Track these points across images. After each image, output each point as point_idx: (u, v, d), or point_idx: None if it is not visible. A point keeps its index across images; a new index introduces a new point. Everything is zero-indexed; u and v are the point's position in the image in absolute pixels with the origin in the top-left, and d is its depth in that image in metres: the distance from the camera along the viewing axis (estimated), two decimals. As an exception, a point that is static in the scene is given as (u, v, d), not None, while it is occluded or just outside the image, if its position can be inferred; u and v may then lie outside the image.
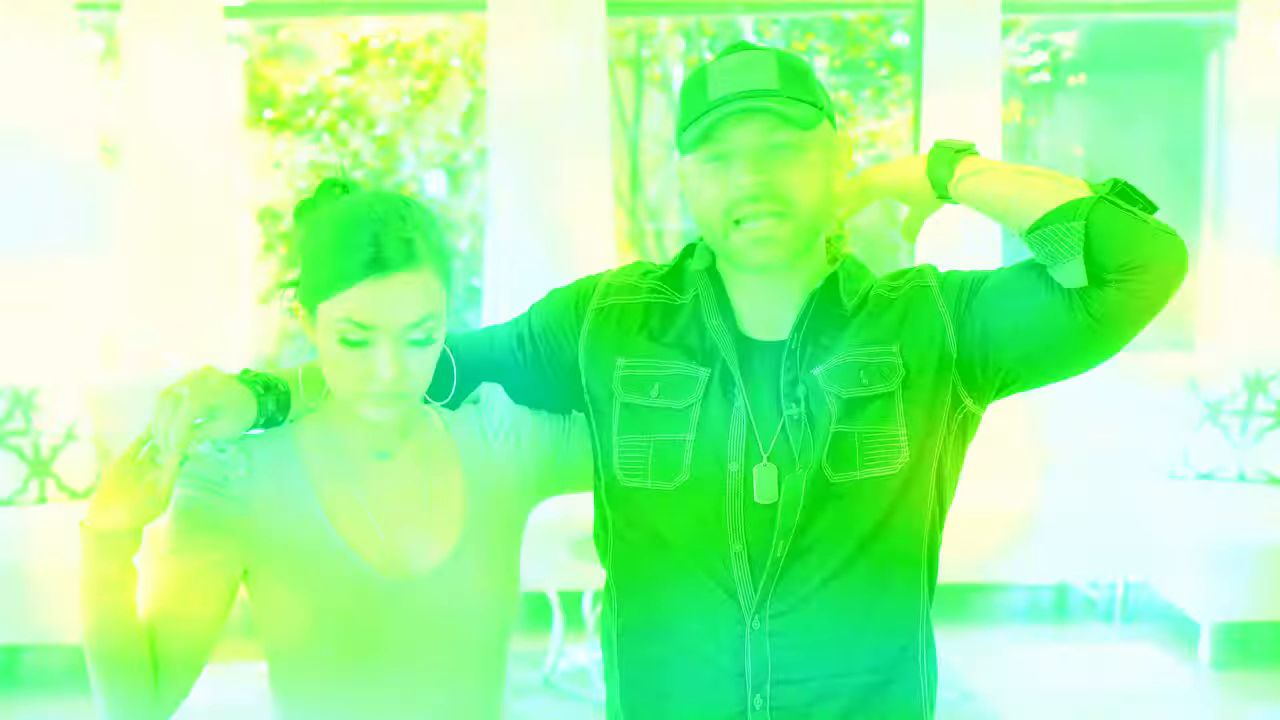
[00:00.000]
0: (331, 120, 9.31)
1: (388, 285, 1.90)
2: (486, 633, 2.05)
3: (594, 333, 2.21)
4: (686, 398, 2.11)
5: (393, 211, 1.94)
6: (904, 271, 2.18)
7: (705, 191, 2.06)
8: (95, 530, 1.85)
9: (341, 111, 9.29)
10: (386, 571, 1.99)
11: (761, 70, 2.04)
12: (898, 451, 2.06)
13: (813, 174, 2.05)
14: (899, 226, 2.20)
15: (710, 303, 2.14)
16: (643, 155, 10.20)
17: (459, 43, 9.26)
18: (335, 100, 9.26)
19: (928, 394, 2.08)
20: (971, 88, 6.72)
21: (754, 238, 2.04)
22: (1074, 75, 9.87)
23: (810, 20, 9.49)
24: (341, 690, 1.98)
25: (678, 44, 9.81)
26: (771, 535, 2.04)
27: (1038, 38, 9.30)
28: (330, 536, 1.98)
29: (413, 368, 1.93)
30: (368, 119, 9.28)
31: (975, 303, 2.08)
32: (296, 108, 9.29)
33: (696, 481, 2.08)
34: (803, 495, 2.03)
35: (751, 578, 2.05)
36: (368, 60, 9.24)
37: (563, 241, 6.74)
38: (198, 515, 1.97)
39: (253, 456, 2.00)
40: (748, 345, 2.12)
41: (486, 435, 2.14)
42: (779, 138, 2.02)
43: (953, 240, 6.79)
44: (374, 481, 2.04)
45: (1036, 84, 9.45)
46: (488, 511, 2.09)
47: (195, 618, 1.96)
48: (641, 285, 2.23)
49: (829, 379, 2.07)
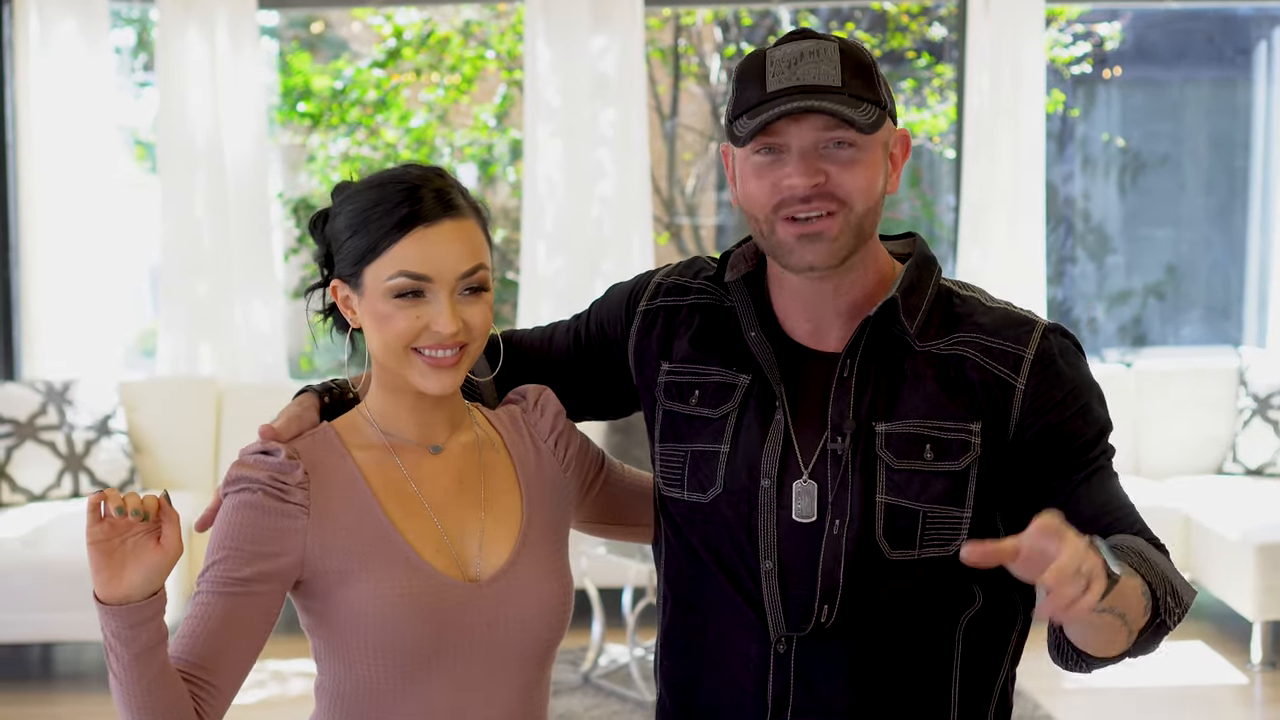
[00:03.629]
0: (365, 113, 9.28)
1: (438, 233, 1.88)
2: (542, 637, 1.98)
3: (641, 335, 2.13)
4: (724, 406, 2.02)
5: (428, 170, 1.95)
6: (1017, 328, 1.98)
7: (753, 185, 1.94)
8: (117, 601, 1.74)
9: (375, 105, 9.26)
10: (450, 573, 1.92)
11: (824, 63, 1.90)
12: (958, 534, 1.94)
13: (870, 176, 1.92)
14: (936, 222, 2.07)
15: (748, 314, 2.03)
16: (680, 147, 10.14)
17: (495, 34, 9.22)
18: (369, 93, 9.23)
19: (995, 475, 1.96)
20: (1013, 79, 6.64)
21: (801, 234, 1.91)
22: (1117, 66, 9.77)
23: (850, 10, 9.42)
24: (399, 697, 1.91)
25: (715, 35, 9.76)
26: (809, 556, 1.95)
27: (1080, 28, 9.21)
28: (393, 538, 1.91)
29: (471, 319, 1.90)
30: (402, 112, 9.25)
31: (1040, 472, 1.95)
32: (330, 101, 9.26)
33: (729, 495, 1.99)
34: (849, 563, 1.93)
35: (782, 599, 1.96)
36: (402, 53, 9.21)
37: (599, 235, 6.69)
38: (253, 523, 1.88)
39: (303, 456, 1.93)
40: (794, 352, 2.01)
41: (535, 437, 2.08)
42: (838, 139, 1.90)
43: (1002, 240, 6.72)
44: (429, 479, 1.98)
45: (1079, 75, 9.36)
46: (542, 512, 2.03)
47: (242, 645, 1.87)
48: (692, 286, 2.13)
49: (888, 444, 1.94)
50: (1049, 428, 1.94)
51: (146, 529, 1.74)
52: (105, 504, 1.71)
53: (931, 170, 9.98)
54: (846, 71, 1.90)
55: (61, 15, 6.50)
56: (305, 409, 1.99)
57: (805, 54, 1.91)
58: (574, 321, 2.23)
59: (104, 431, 6.11)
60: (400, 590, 1.88)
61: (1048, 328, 1.99)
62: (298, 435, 1.95)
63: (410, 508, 1.94)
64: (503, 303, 9.57)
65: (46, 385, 6.11)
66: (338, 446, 1.95)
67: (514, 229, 9.36)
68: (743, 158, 1.95)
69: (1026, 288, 6.66)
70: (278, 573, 1.88)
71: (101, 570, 1.73)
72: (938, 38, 9.35)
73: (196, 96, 6.56)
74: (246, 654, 1.88)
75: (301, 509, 1.89)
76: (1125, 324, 9.90)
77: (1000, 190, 6.66)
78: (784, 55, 1.91)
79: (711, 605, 2.01)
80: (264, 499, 1.88)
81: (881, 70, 1.97)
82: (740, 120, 1.91)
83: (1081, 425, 1.95)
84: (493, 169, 9.44)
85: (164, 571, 1.75)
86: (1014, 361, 1.95)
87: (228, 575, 1.86)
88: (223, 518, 1.89)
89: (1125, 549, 1.86)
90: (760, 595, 1.96)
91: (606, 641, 5.50)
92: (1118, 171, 9.94)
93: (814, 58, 1.91)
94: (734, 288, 2.04)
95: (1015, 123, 6.65)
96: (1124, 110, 10.15)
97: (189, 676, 1.82)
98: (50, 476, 5.98)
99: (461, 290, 1.90)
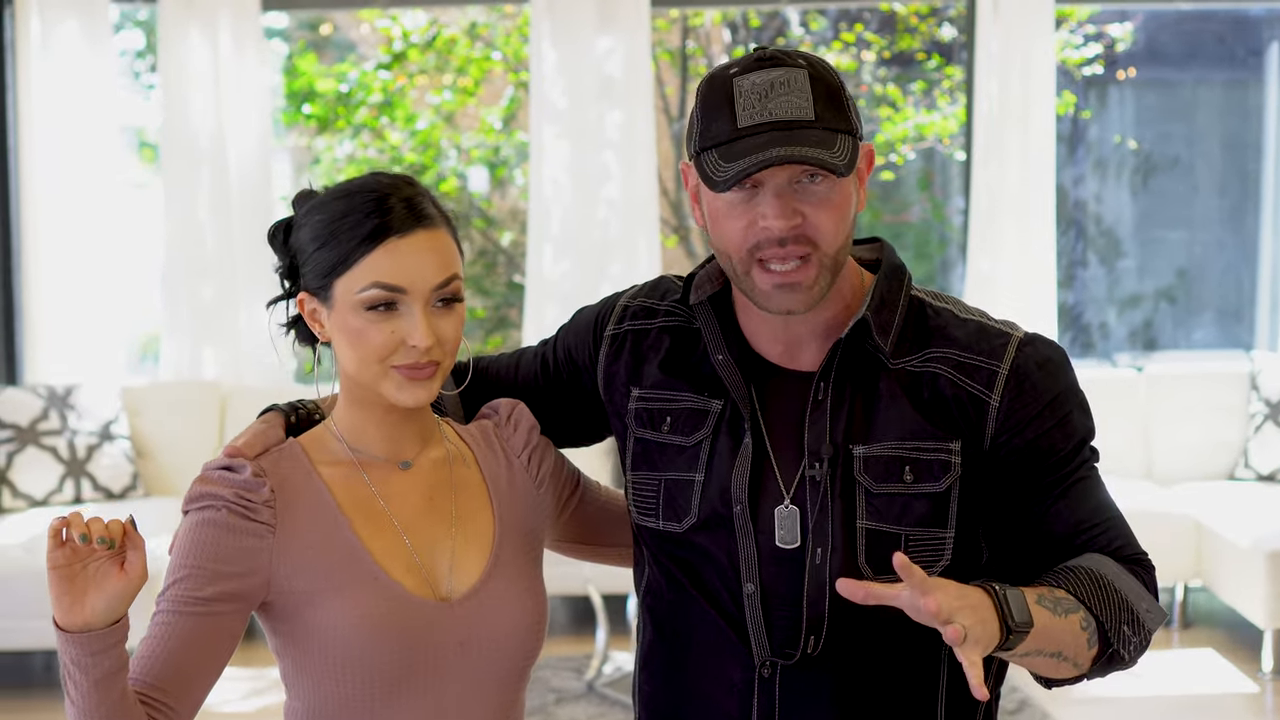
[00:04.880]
0: (371, 116, 9.25)
1: (411, 243, 1.84)
2: (517, 656, 1.93)
3: (610, 360, 2.07)
4: (697, 434, 1.97)
5: (397, 178, 1.91)
6: (991, 341, 1.93)
7: (726, 224, 1.87)
8: (77, 629, 1.69)
9: (381, 107, 9.22)
10: (421, 593, 1.87)
11: (794, 94, 1.82)
12: (941, 554, 1.90)
13: (844, 211, 1.86)
14: (946, 225, 2.00)
15: (715, 337, 1.97)
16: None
17: (501, 36, 9.18)
18: (374, 95, 9.19)
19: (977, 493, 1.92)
20: (1023, 80, 6.60)
21: (778, 284, 1.85)
22: (1128, 67, 9.71)
23: (858, 11, 9.37)
24: (371, 716, 1.86)
25: (724, 36, 9.71)
26: (792, 582, 1.90)
27: (1091, 29, 9.15)
28: (362, 557, 1.86)
29: (444, 332, 1.86)
30: (407, 114, 9.21)
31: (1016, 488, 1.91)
32: (336, 103, 9.23)
33: (704, 523, 1.94)
34: (833, 592, 1.88)
35: (765, 623, 1.92)
36: (408, 54, 9.18)
37: (605, 238, 6.65)
38: (217, 542, 1.83)
39: (269, 473, 1.88)
40: (766, 372, 1.96)
41: (508, 453, 2.03)
42: (813, 173, 1.83)
43: (1012, 244, 6.68)
44: (398, 495, 1.93)
45: (1090, 76, 9.30)
46: (515, 529, 1.99)
47: (204, 667, 1.82)
48: (659, 308, 2.07)
49: (866, 469, 1.89)
50: (1025, 444, 1.90)
51: (110, 555, 1.69)
52: (68, 529, 1.66)
53: (942, 172, 9.92)
54: (819, 102, 1.83)
55: (63, 17, 6.47)
56: (270, 426, 1.95)
57: (775, 84, 1.83)
58: (541, 347, 2.19)
59: (106, 437, 6.08)
60: (369, 611, 1.84)
61: (1023, 340, 1.93)
62: (263, 453, 1.90)
63: (379, 525, 1.90)
64: (510, 306, 9.54)
65: (48, 390, 6.07)
66: (304, 463, 1.91)
67: (522, 232, 9.31)
68: (713, 195, 1.88)
69: (1037, 291, 6.62)
70: (242, 593, 1.83)
71: (62, 596, 1.68)
72: (947, 39, 9.29)
73: (199, 99, 6.53)
74: (207, 676, 1.83)
75: (268, 528, 1.85)
76: (1136, 328, 9.84)
77: (1010, 193, 6.61)
78: (752, 86, 1.84)
79: (694, 629, 1.97)
80: (228, 517, 1.83)
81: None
82: (709, 154, 1.84)
83: (1059, 439, 1.91)
84: (500, 171, 9.40)
85: (127, 599, 1.70)
86: (988, 377, 1.91)
87: (189, 595, 1.81)
88: (185, 535, 1.84)
89: (1081, 575, 1.84)
90: (743, 619, 1.92)
91: (610, 649, 5.46)
92: (1129, 174, 9.88)
93: (784, 89, 1.83)
94: (699, 310, 1.99)
95: (1025, 125, 6.60)
96: (1136, 112, 10.09)
97: (147, 699, 1.77)
98: (52, 482, 5.95)
99: (435, 302, 1.86)
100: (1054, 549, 1.90)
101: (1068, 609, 1.80)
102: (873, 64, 9.49)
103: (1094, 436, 1.95)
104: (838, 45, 9.25)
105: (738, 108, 1.83)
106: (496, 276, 9.69)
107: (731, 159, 1.81)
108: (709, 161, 1.84)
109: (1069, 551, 1.90)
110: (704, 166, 1.85)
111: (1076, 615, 1.80)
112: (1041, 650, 1.77)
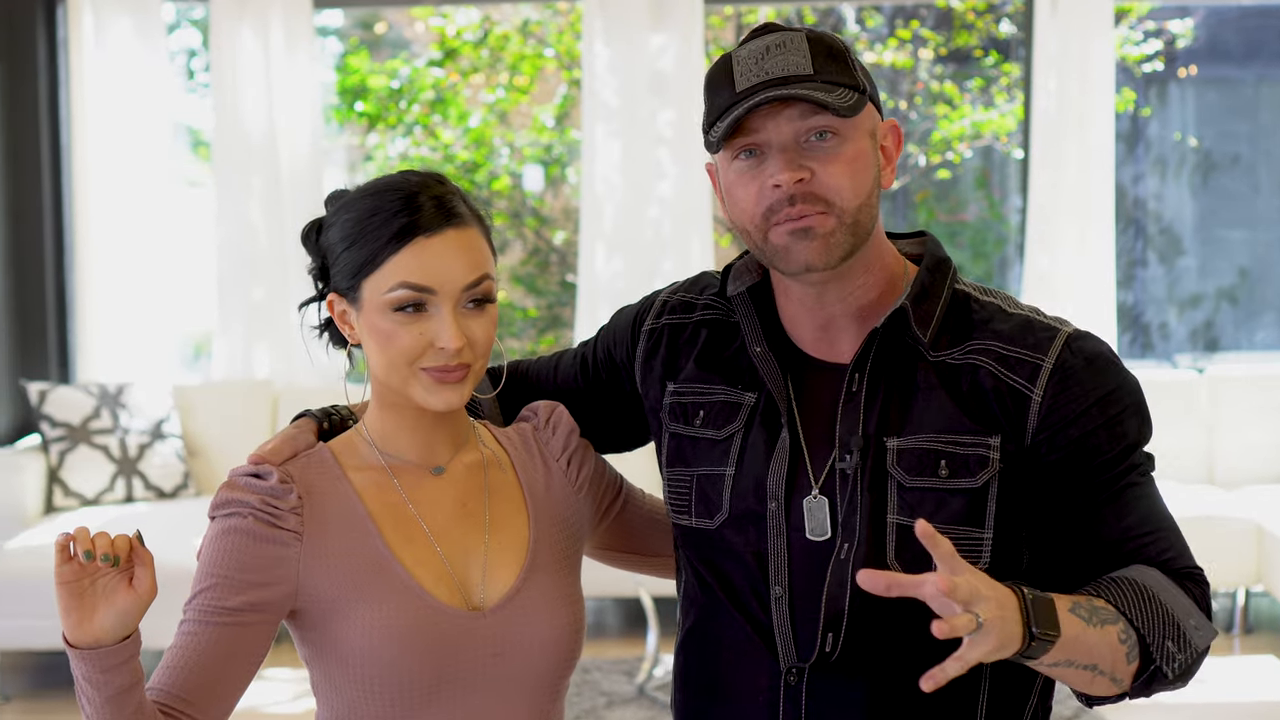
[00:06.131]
0: (423, 113, 9.23)
1: (440, 242, 1.80)
2: (552, 668, 1.88)
3: (647, 356, 2.04)
4: (729, 426, 1.93)
5: (428, 176, 1.86)
6: (1037, 335, 1.86)
7: (738, 193, 1.84)
8: (87, 645, 1.66)
9: (433, 104, 9.21)
10: (452, 602, 1.83)
11: (791, 54, 1.81)
12: (977, 556, 1.82)
13: (858, 168, 1.82)
14: (1004, 223, 1.93)
15: (753, 328, 1.93)
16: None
17: (553, 33, 9.15)
18: (427, 93, 9.18)
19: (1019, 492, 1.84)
20: (1082, 77, 6.51)
21: (792, 230, 1.80)
22: (1189, 64, 9.60)
23: (915, 7, 9.29)
24: None
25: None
26: (820, 580, 1.84)
27: (1151, 25, 9.05)
28: (392, 565, 1.82)
29: (475, 334, 1.81)
30: (460, 112, 9.19)
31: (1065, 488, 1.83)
32: (388, 101, 9.22)
33: (735, 520, 1.90)
34: (855, 588, 1.81)
35: (792, 627, 1.86)
36: (460, 52, 9.16)
37: (658, 236, 6.60)
38: (243, 550, 1.79)
39: (296, 479, 1.84)
40: (803, 364, 1.91)
41: (546, 456, 1.98)
42: (818, 128, 1.79)
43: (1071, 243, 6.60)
44: (430, 501, 1.88)
45: (1150, 73, 9.19)
46: (551, 535, 1.94)
47: (230, 678, 1.78)
48: (697, 302, 2.03)
49: (899, 461, 1.83)
50: (1069, 443, 1.81)
51: (119, 571, 1.66)
52: (74, 544, 1.63)
53: (1000, 171, 9.83)
54: (818, 59, 1.81)
55: (116, 14, 6.48)
56: (301, 432, 1.91)
57: (771, 47, 1.82)
58: (581, 349, 2.15)
59: (158, 435, 6.08)
60: (399, 621, 1.79)
61: (1072, 335, 1.86)
62: (291, 458, 1.86)
63: (409, 533, 1.85)
64: (562, 305, 9.50)
65: (100, 388, 6.08)
66: (333, 468, 1.86)
67: (574, 230, 9.29)
68: (725, 167, 1.87)
69: (1095, 291, 6.54)
70: (269, 603, 1.79)
71: (71, 612, 1.65)
72: (1005, 35, 9.20)
73: (251, 97, 6.53)
74: (235, 687, 1.79)
75: (295, 535, 1.81)
76: (1197, 328, 9.73)
77: (1069, 191, 6.53)
78: (749, 52, 1.83)
79: (723, 635, 1.92)
80: (254, 524, 1.80)
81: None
82: (715, 127, 1.83)
83: (1106, 440, 1.82)
84: (553, 169, 9.37)
85: (136, 615, 1.67)
86: (1031, 371, 1.83)
87: (215, 604, 1.77)
88: (210, 543, 1.81)
89: (1124, 586, 1.76)
90: (770, 624, 1.87)
91: (661, 652, 5.41)
92: (1189, 172, 9.77)
93: (780, 50, 1.82)
94: (738, 301, 1.96)
95: (1084, 122, 6.52)
96: (1196, 109, 9.97)
97: (171, 711, 1.73)
98: (103, 481, 5.95)
99: (465, 303, 1.81)
100: (1100, 557, 1.82)
101: (1105, 619, 1.72)
102: (929, 61, 9.41)
103: (1148, 442, 1.87)
104: (894, 42, 9.18)
105: (735, 74, 1.82)
106: (549, 276, 9.66)
107: (728, 119, 1.80)
108: (714, 133, 1.83)
109: (1116, 560, 1.82)
110: (709, 140, 1.85)
111: (1115, 627, 1.72)
112: (1073, 661, 1.69)
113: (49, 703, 5.44)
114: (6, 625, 5.30)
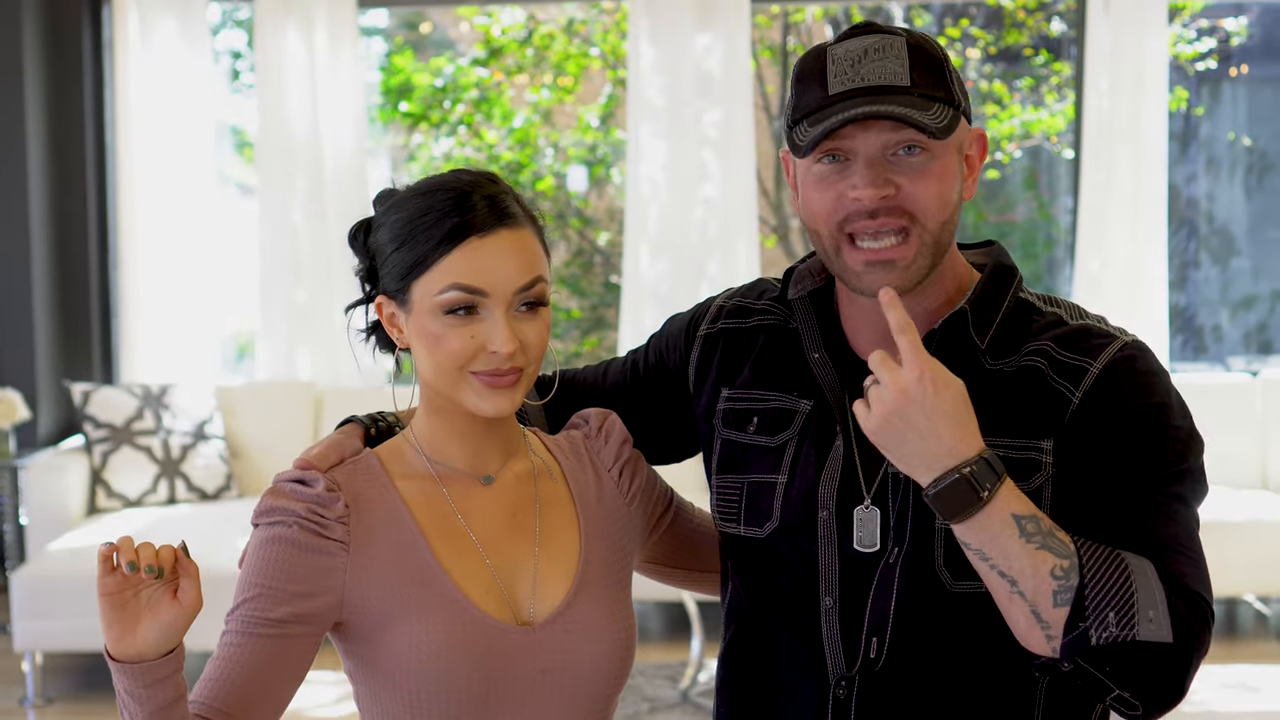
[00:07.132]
0: (467, 113, 9.21)
1: (493, 243, 1.74)
2: (601, 684, 1.83)
3: (702, 361, 1.99)
4: (783, 434, 1.87)
5: (480, 175, 1.80)
6: (1091, 340, 1.79)
7: (814, 195, 1.78)
8: (129, 658, 1.62)
9: (477, 103, 9.18)
10: (501, 617, 1.77)
11: (889, 60, 1.73)
12: None
13: (945, 186, 1.75)
14: (1053, 224, 1.85)
15: (812, 334, 1.88)
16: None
17: (598, 32, 9.11)
18: (471, 92, 9.15)
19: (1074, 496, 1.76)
20: (1135, 76, 6.42)
21: (869, 260, 1.74)
22: (1241, 63, 9.48)
23: (964, 5, 9.21)
24: None
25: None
26: (867, 589, 1.79)
27: (1204, 23, 8.94)
28: (440, 578, 1.77)
29: (527, 337, 1.76)
30: (504, 111, 9.16)
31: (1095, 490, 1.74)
32: (432, 100, 9.20)
33: (786, 529, 1.84)
34: (902, 593, 1.76)
35: (841, 639, 1.81)
36: (505, 51, 9.13)
37: (703, 237, 6.55)
38: (288, 560, 1.74)
39: (343, 487, 1.78)
40: (861, 372, 1.84)
41: (597, 466, 1.93)
42: (908, 142, 1.73)
43: (1122, 244, 6.51)
44: (479, 512, 1.83)
45: (1203, 71, 9.08)
46: (602, 548, 1.89)
47: (274, 691, 1.74)
48: (755, 307, 1.98)
49: None
50: (1100, 453, 1.73)
51: (163, 583, 1.62)
52: (117, 555, 1.58)
53: (1049, 171, 9.74)
54: (915, 69, 1.74)
55: (161, 15, 6.48)
56: (348, 437, 1.86)
57: (869, 50, 1.74)
58: (631, 354, 2.09)
59: (201, 437, 6.07)
60: (446, 635, 1.74)
61: (1128, 343, 1.78)
62: (337, 464, 1.81)
63: (458, 544, 1.80)
64: (606, 307, 9.46)
65: (144, 389, 6.07)
66: (380, 476, 1.81)
67: (619, 231, 9.24)
68: (804, 166, 1.80)
69: (1147, 292, 6.45)
70: (314, 614, 1.74)
71: (113, 625, 1.60)
72: (1056, 34, 9.11)
73: (296, 98, 6.52)
74: (278, 699, 1.74)
75: (341, 545, 1.75)
76: (1251, 330, 9.63)
77: (1120, 192, 6.45)
78: (846, 52, 1.75)
79: (769, 646, 1.87)
80: (299, 533, 1.74)
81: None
82: (800, 126, 1.76)
83: (1140, 457, 1.73)
84: (597, 169, 9.34)
85: (181, 629, 1.62)
86: (1077, 374, 1.76)
87: (259, 615, 1.72)
88: (254, 552, 1.75)
89: (1099, 547, 1.65)
90: (819, 635, 1.81)
91: (705, 657, 5.36)
92: (1243, 172, 9.65)
93: (879, 54, 1.74)
94: (798, 306, 1.90)
95: (1136, 122, 6.44)
96: (1250, 108, 9.85)
97: None
98: (146, 482, 5.94)
99: (518, 306, 1.75)
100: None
101: (1052, 548, 1.63)
102: (978, 60, 9.33)
103: (1192, 470, 1.76)
104: (942, 40, 9.10)
105: (829, 74, 1.75)
106: (593, 277, 9.63)
107: (818, 125, 1.73)
108: (799, 133, 1.76)
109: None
110: (794, 138, 1.77)
111: (1055, 559, 1.62)
112: (991, 561, 1.63)
113: (92, 705, 5.43)
114: (49, 627, 5.28)
